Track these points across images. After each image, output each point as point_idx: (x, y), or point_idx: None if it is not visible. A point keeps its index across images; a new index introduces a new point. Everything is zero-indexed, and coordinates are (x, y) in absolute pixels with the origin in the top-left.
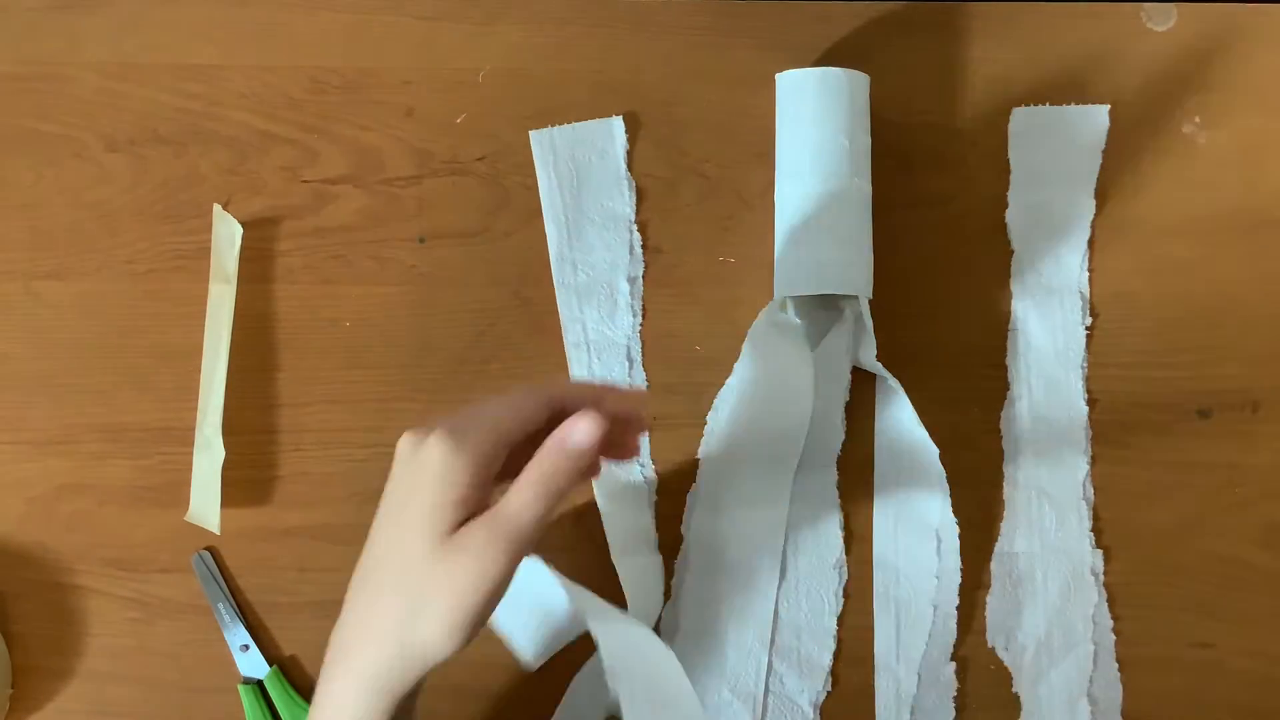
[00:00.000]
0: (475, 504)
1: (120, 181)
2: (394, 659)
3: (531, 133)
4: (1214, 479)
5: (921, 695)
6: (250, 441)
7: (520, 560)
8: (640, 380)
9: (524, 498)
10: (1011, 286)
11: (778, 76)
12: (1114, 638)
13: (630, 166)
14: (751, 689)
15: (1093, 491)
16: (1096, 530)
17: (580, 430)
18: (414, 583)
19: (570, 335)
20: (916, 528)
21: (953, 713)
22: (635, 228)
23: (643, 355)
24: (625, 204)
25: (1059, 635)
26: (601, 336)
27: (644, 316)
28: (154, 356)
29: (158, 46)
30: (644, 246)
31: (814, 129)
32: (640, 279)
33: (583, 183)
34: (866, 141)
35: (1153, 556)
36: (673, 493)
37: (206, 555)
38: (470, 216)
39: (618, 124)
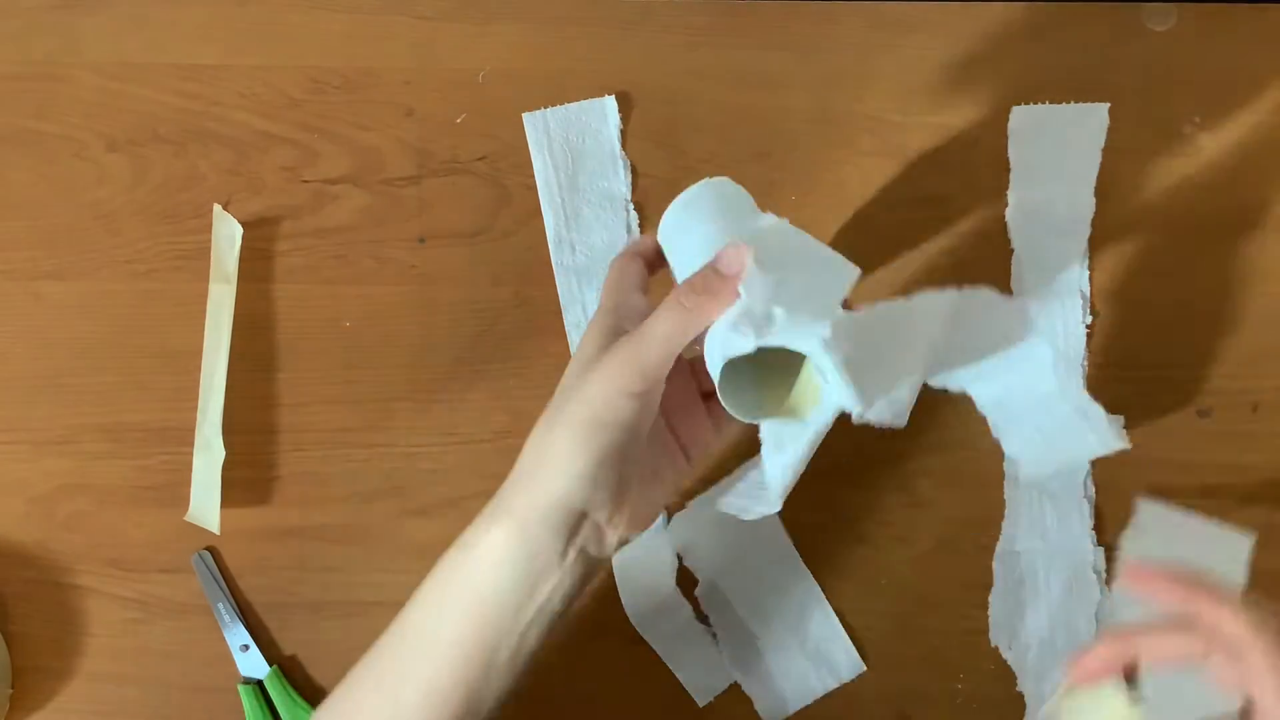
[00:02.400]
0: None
1: (120, 181)
2: (523, 488)
3: (525, 115)
4: (1214, 479)
5: None
6: (250, 441)
7: (650, 378)
8: None
9: (661, 312)
10: (1011, 286)
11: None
12: None
13: (624, 148)
14: None
15: (1094, 489)
16: (1098, 528)
17: (729, 253)
18: (561, 400)
19: (570, 316)
20: None
21: None
22: (632, 207)
23: None
24: (621, 183)
25: (1062, 634)
26: None
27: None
28: (154, 356)
29: (158, 46)
30: (642, 231)
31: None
32: None
33: (578, 164)
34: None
35: None
36: None
37: (206, 555)
38: (470, 216)
39: (610, 103)
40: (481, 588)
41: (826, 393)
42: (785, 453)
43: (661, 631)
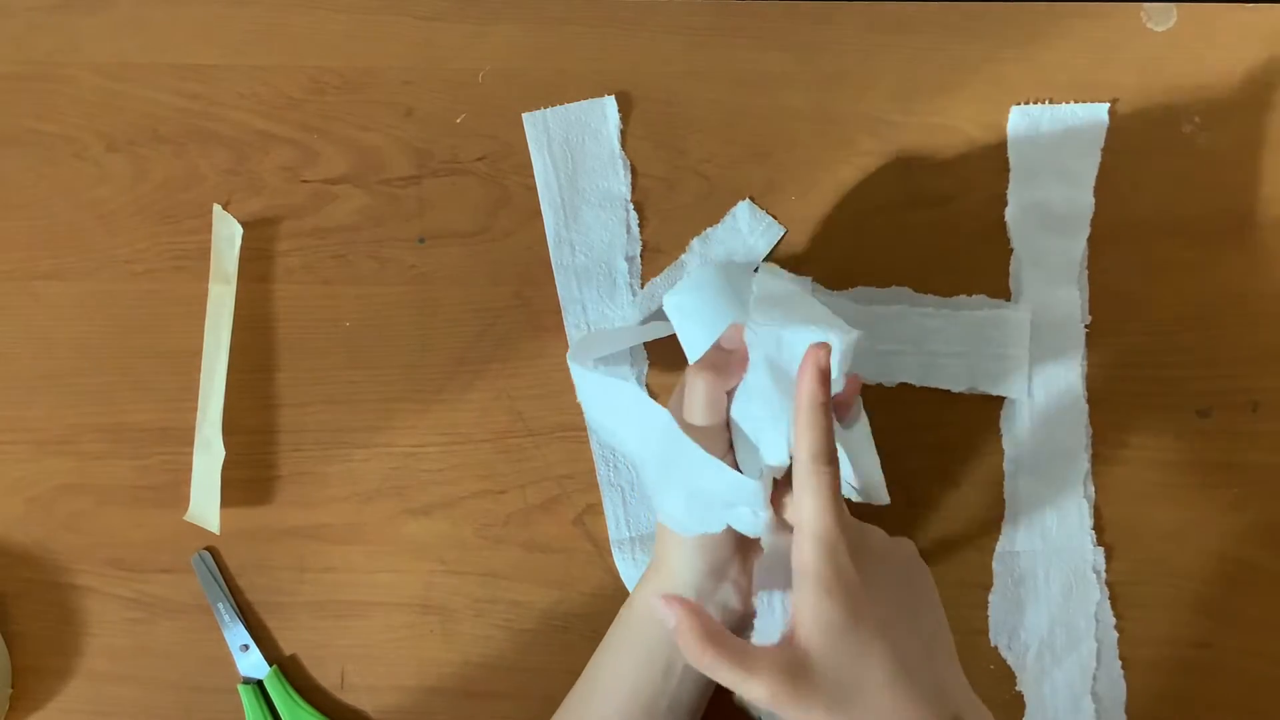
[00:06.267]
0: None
1: (120, 181)
2: (664, 552)
3: (525, 115)
4: (1214, 479)
5: None
6: (250, 441)
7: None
8: (640, 360)
9: (682, 389)
10: (1011, 286)
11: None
12: (1116, 635)
13: (624, 148)
14: None
15: (1094, 489)
16: (1097, 529)
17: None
18: None
19: (570, 317)
20: None
21: None
22: (631, 207)
23: None
24: (620, 183)
25: (1062, 633)
26: (601, 316)
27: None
28: (154, 356)
29: (158, 46)
30: (644, 247)
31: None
32: (638, 258)
33: (577, 164)
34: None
35: (1153, 556)
36: None
37: (206, 555)
38: (470, 216)
39: (610, 103)
40: (636, 641)
41: None
42: None
43: None
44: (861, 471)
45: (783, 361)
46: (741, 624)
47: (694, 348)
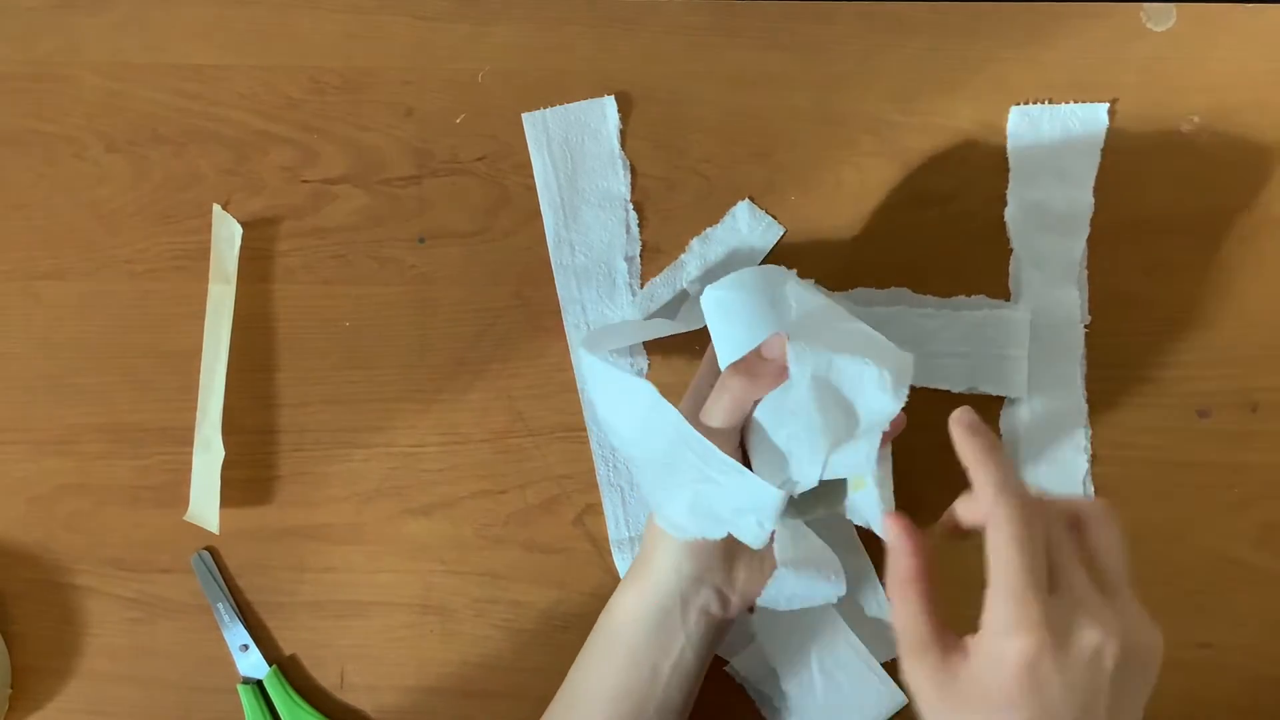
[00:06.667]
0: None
1: (120, 181)
2: (647, 558)
3: (525, 115)
4: (1214, 479)
5: None
6: (250, 441)
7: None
8: (640, 356)
9: (711, 398)
10: (1011, 286)
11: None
12: None
13: (624, 149)
14: None
15: (1093, 490)
16: None
17: (773, 341)
18: None
19: (569, 316)
20: None
21: None
22: (631, 207)
23: None
24: (620, 183)
25: None
26: (601, 316)
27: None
28: (154, 356)
29: (158, 46)
30: (644, 247)
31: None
32: (638, 258)
33: (577, 164)
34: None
35: (1152, 556)
36: None
37: (206, 555)
38: (470, 216)
39: (609, 103)
40: (621, 646)
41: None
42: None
43: None
44: (870, 498)
45: (833, 383)
46: (720, 628)
47: (728, 346)
